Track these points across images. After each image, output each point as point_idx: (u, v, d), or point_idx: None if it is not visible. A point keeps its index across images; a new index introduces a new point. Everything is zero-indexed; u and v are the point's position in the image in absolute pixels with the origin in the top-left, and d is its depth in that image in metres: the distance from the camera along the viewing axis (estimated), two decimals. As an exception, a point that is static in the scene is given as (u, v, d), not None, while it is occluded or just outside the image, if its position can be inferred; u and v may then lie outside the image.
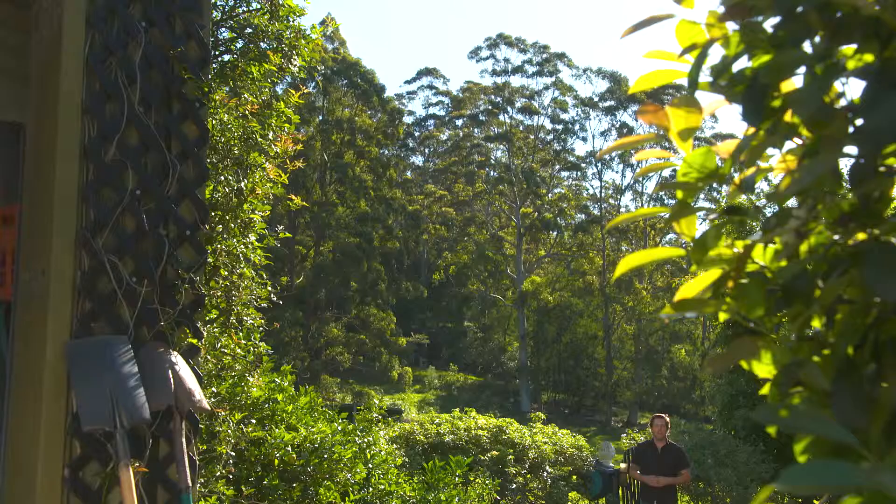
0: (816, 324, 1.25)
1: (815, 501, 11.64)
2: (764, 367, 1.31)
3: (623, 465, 10.11)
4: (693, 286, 1.37)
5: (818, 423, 1.05)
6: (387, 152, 52.79)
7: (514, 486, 12.33)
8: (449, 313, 54.44)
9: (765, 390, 1.31)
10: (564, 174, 59.32)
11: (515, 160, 53.94)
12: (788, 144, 1.29)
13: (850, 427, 1.05)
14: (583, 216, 55.50)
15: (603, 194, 57.81)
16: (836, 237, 1.21)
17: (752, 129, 1.29)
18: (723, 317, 1.35)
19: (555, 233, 54.66)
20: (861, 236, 1.17)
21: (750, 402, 15.01)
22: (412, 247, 56.52)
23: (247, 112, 5.19)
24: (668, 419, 10.52)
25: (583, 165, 57.49)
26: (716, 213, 1.35)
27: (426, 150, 65.22)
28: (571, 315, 50.08)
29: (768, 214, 1.30)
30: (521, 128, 56.58)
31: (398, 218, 51.55)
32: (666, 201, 52.94)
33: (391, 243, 47.52)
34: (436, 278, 54.74)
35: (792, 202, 1.28)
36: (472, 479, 10.70)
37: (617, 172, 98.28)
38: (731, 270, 1.31)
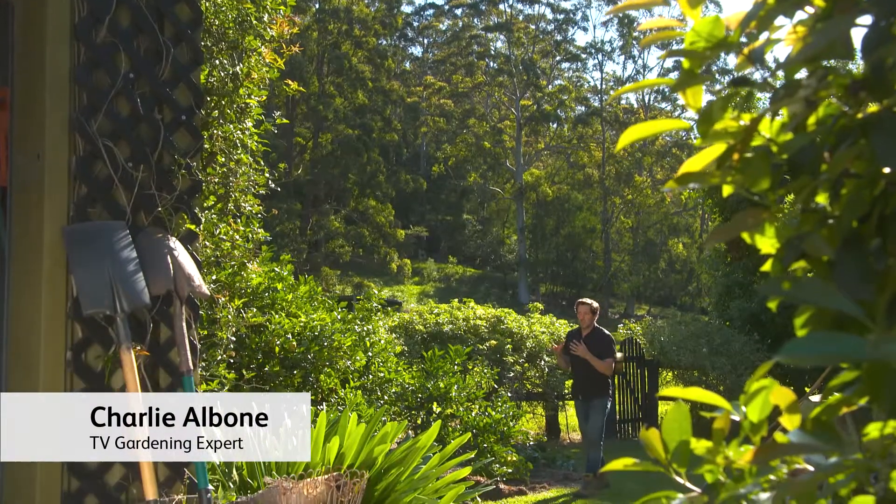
0: (822, 199, 1.23)
1: (806, 389, 11.85)
2: (767, 241, 1.29)
3: (620, 355, 9.79)
4: (698, 160, 1.35)
5: (822, 293, 1.04)
6: (385, 42, 51.91)
7: (512, 374, 12.54)
8: (448, 206, 54.41)
9: (766, 266, 1.30)
10: (565, 65, 58.38)
11: (515, 51, 53.08)
12: (799, 15, 1.25)
13: (854, 298, 1.04)
14: (583, 108, 54.98)
15: (604, 86, 57.21)
16: (845, 108, 1.18)
17: (762, -3, 1.25)
18: (727, 191, 1.33)
19: (555, 125, 54.20)
20: (872, 109, 1.14)
21: (745, 293, 15.18)
22: (411, 139, 56.10)
23: (241, -6, 5.06)
24: (593, 305, 9.27)
25: (583, 56, 56.61)
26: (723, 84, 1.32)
27: (425, 41, 64.06)
28: (570, 208, 50.12)
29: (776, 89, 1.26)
30: (521, 17, 55.51)
31: (397, 110, 51.03)
32: (668, 95, 52.43)
33: (390, 136, 47.16)
34: (435, 171, 54.48)
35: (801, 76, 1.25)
36: (470, 367, 10.87)
37: (618, 64, 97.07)
38: (736, 144, 1.28)
